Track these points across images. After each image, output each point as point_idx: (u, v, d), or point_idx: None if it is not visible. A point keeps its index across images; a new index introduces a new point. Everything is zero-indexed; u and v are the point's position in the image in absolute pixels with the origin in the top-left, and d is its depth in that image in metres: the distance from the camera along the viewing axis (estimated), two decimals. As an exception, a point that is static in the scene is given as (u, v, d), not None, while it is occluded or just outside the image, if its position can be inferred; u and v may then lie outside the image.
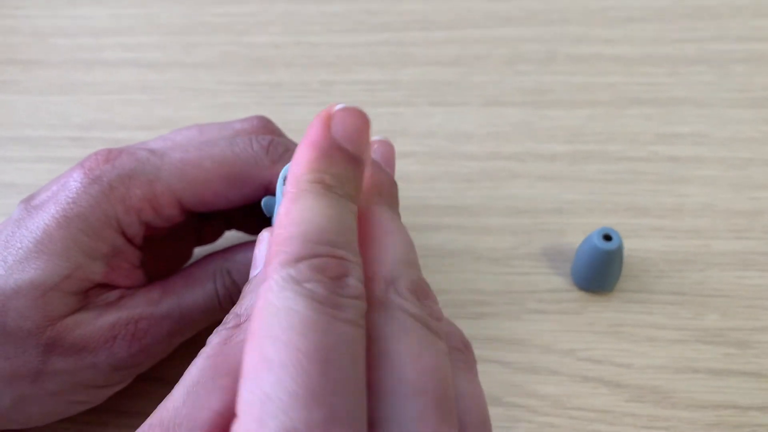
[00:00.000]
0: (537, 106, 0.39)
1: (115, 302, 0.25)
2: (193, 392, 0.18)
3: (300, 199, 0.18)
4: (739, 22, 0.42)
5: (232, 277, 0.26)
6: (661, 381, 0.29)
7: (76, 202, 0.25)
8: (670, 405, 0.29)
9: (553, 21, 0.43)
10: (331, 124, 0.19)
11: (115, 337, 0.25)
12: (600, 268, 0.30)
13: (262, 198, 0.26)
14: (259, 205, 0.26)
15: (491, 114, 0.39)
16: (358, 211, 0.19)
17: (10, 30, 0.46)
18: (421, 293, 0.18)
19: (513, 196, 0.35)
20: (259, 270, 0.21)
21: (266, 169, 0.26)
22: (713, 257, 0.33)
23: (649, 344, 0.30)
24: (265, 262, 0.18)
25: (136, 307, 0.25)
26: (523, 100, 0.39)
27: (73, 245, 0.24)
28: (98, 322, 0.25)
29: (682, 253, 0.33)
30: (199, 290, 0.26)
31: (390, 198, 0.22)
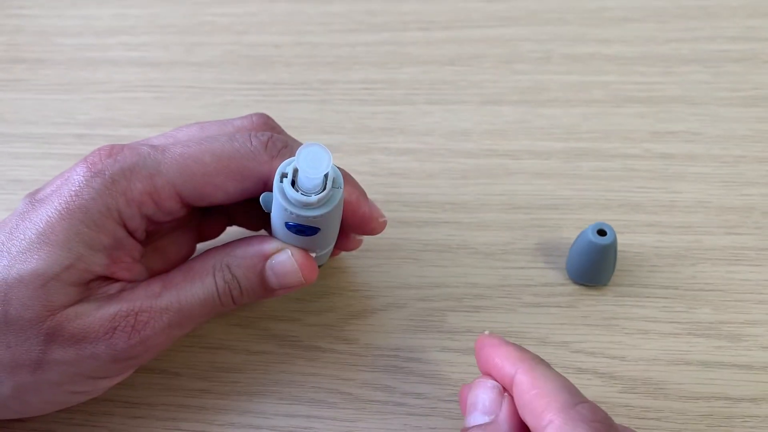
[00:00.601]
0: (533, 105, 0.40)
1: (116, 295, 0.26)
2: None
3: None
4: (733, 23, 0.43)
5: (231, 271, 0.27)
6: (654, 373, 0.30)
7: (78, 195, 0.25)
8: (662, 396, 0.29)
9: (550, 21, 0.44)
10: None
11: (115, 328, 0.25)
12: (594, 263, 0.31)
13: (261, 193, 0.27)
14: (258, 201, 0.26)
15: (488, 112, 0.40)
16: None
17: (15, 29, 0.46)
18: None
19: (509, 192, 0.36)
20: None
21: (265, 164, 0.26)
22: (705, 252, 0.33)
23: (642, 337, 0.31)
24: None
25: (136, 300, 0.25)
26: (520, 99, 0.40)
27: (75, 236, 0.24)
28: (98, 313, 0.25)
29: (674, 249, 0.33)
30: (198, 284, 0.26)
31: None
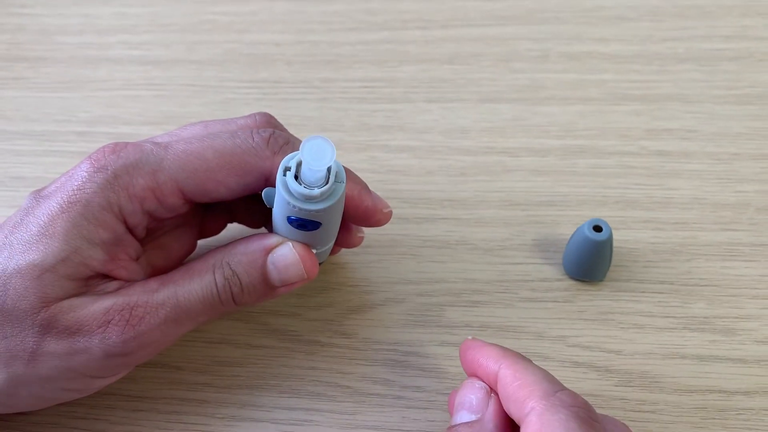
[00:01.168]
0: (531, 103, 0.40)
1: (113, 291, 0.26)
2: None
3: None
4: (727, 22, 0.43)
5: (231, 267, 0.27)
6: (649, 366, 0.30)
7: (81, 189, 0.25)
8: (657, 389, 0.30)
9: (547, 20, 0.44)
10: None
11: (108, 321, 0.25)
12: (590, 258, 0.31)
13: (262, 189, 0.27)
14: (260, 197, 0.27)
15: (486, 110, 0.40)
16: None
17: (17, 28, 0.47)
18: None
19: (507, 189, 0.36)
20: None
21: (267, 159, 0.26)
22: (700, 248, 0.34)
23: (637, 331, 0.31)
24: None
25: (132, 295, 0.26)
26: (518, 97, 0.40)
27: (73, 229, 0.25)
28: (93, 306, 0.25)
29: (670, 244, 0.34)
30: (197, 280, 0.26)
31: None
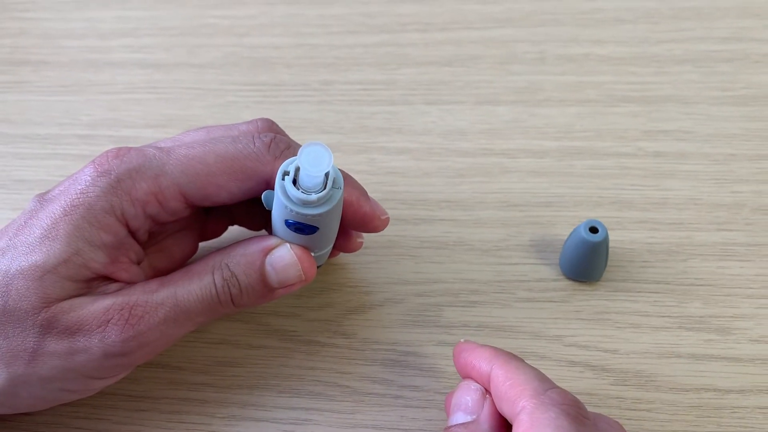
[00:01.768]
0: (528, 105, 0.40)
1: (113, 292, 0.26)
2: None
3: None
4: (724, 24, 0.43)
5: (230, 269, 0.27)
6: (645, 365, 0.31)
7: (84, 193, 0.26)
8: (653, 388, 0.30)
9: (545, 22, 0.44)
10: None
11: (108, 320, 0.25)
12: (587, 259, 0.32)
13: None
14: (261, 200, 0.27)
15: (484, 112, 0.40)
16: None
17: (20, 32, 0.47)
18: None
19: (504, 190, 0.37)
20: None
21: (268, 164, 0.27)
22: (696, 248, 0.34)
23: (633, 331, 0.32)
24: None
25: (132, 294, 0.26)
26: (515, 99, 0.41)
27: (75, 231, 0.25)
28: (93, 305, 0.25)
29: (666, 244, 0.34)
30: (196, 281, 0.27)
31: None
